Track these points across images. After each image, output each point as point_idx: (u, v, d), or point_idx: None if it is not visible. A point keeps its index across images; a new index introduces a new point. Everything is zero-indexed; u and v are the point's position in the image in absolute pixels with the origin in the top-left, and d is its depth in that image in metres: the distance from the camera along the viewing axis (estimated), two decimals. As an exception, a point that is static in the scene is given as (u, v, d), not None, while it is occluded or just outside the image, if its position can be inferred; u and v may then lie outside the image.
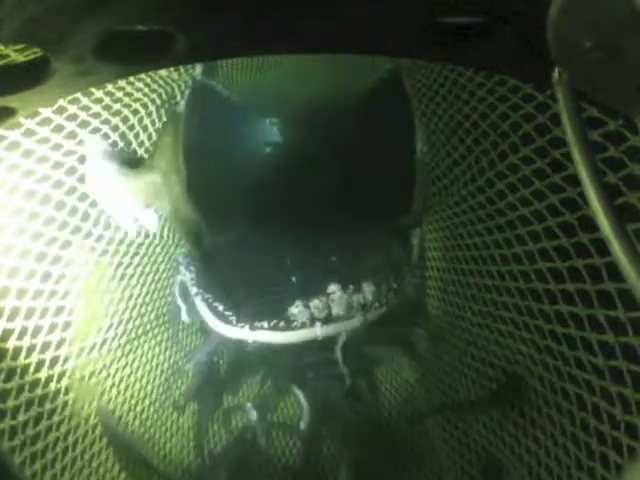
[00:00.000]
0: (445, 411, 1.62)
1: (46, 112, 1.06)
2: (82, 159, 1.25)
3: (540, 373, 1.15)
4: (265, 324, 1.64)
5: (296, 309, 1.66)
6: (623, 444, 0.84)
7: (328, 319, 1.65)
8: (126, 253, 1.54)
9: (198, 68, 1.81)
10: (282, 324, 1.64)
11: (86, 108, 1.21)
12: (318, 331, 1.64)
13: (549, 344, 1.10)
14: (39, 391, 1.10)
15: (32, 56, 0.66)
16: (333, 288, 1.70)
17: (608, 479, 0.88)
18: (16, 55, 0.74)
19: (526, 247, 1.16)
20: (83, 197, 1.28)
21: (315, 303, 1.66)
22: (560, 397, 1.07)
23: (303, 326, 1.64)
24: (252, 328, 1.64)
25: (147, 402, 1.60)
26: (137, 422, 1.51)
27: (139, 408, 1.55)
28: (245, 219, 2.24)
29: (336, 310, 1.66)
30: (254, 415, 1.78)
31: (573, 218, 0.97)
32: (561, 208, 1.01)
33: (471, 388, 1.49)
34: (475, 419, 1.44)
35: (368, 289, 1.72)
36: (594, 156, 0.53)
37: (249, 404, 1.81)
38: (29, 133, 1.04)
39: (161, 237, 1.78)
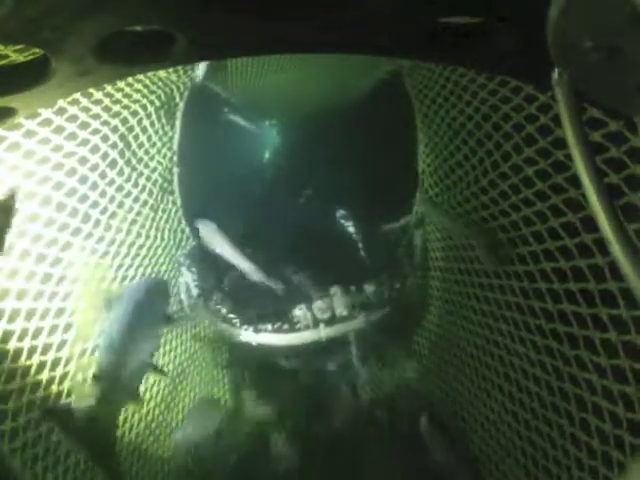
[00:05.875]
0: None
1: (46, 113, 1.06)
2: (82, 160, 1.26)
3: (536, 374, 1.15)
4: (269, 326, 1.65)
5: (299, 311, 1.67)
6: (626, 442, 0.85)
7: (331, 320, 1.67)
8: (127, 255, 1.54)
9: (197, 69, 1.80)
10: (286, 326, 1.65)
11: (86, 109, 1.21)
12: (322, 332, 1.65)
13: (549, 343, 1.10)
14: (40, 393, 1.10)
15: (32, 56, 0.66)
16: (335, 289, 1.70)
17: (610, 478, 0.88)
18: (16, 55, 0.74)
19: (530, 247, 1.16)
20: (84, 198, 1.28)
21: (318, 305, 1.67)
22: (558, 398, 1.07)
23: (307, 328, 1.65)
24: (256, 331, 1.66)
25: (152, 404, 1.60)
26: (142, 424, 1.51)
27: (144, 410, 1.54)
28: (246, 221, 2.24)
29: (339, 311, 1.67)
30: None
31: (576, 218, 0.97)
32: (564, 208, 1.01)
33: (470, 387, 1.49)
34: (473, 419, 1.44)
35: (370, 290, 1.73)
36: (594, 157, 0.52)
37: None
38: (29, 134, 1.04)
39: (162, 238, 1.77)
